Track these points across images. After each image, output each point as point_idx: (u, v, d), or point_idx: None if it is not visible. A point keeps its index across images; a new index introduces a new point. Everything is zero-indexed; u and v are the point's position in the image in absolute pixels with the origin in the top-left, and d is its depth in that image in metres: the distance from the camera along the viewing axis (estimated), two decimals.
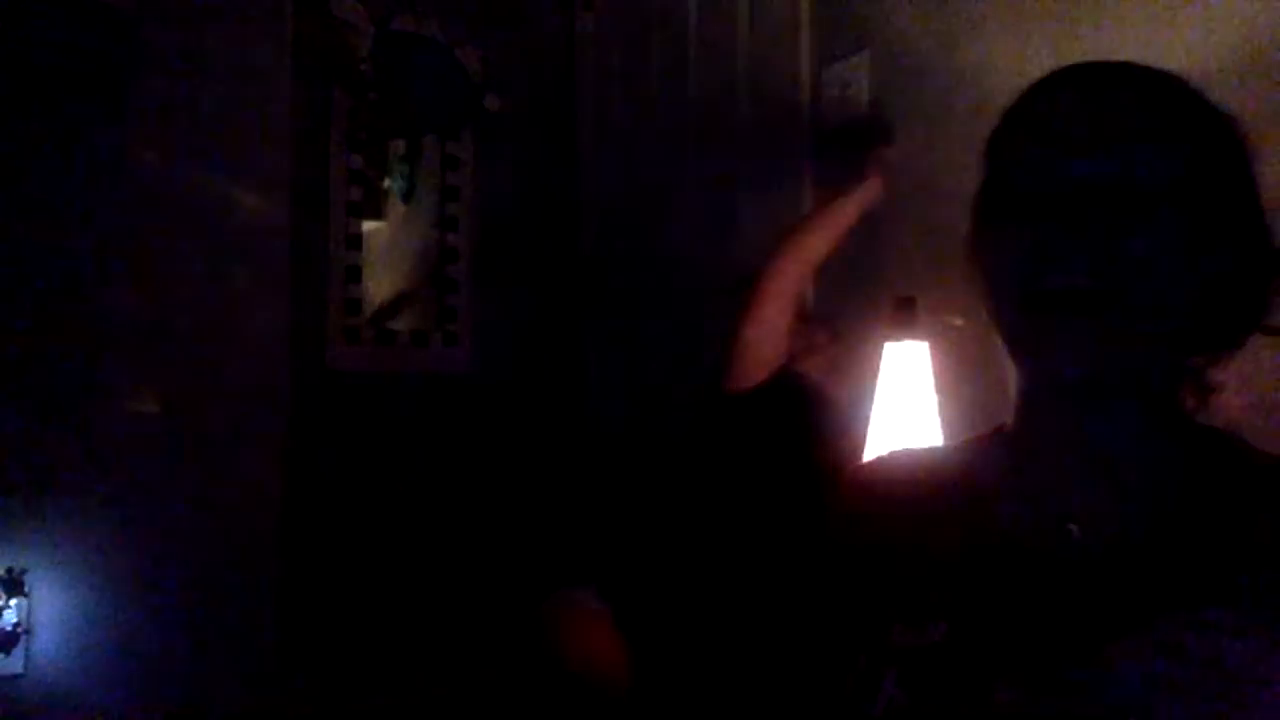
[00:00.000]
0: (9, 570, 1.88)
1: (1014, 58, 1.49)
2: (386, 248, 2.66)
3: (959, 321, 1.48)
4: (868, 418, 1.43)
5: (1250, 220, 0.64)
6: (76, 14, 1.97)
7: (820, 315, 1.84)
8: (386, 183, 2.65)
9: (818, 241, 1.66)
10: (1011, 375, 0.67)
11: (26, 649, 1.90)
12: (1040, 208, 0.60)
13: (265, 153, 2.17)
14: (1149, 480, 0.63)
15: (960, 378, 1.48)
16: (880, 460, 0.81)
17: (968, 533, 0.67)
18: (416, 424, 2.60)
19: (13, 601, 1.88)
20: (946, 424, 1.38)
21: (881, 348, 1.42)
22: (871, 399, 1.42)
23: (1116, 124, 0.60)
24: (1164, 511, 0.61)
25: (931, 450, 0.83)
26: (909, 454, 0.80)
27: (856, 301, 1.77)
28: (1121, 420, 0.63)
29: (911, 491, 0.72)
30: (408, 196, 2.66)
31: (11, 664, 1.88)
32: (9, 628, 1.87)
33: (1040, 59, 1.43)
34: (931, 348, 1.40)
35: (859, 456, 1.41)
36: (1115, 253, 0.58)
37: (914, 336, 1.39)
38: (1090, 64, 0.65)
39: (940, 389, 1.39)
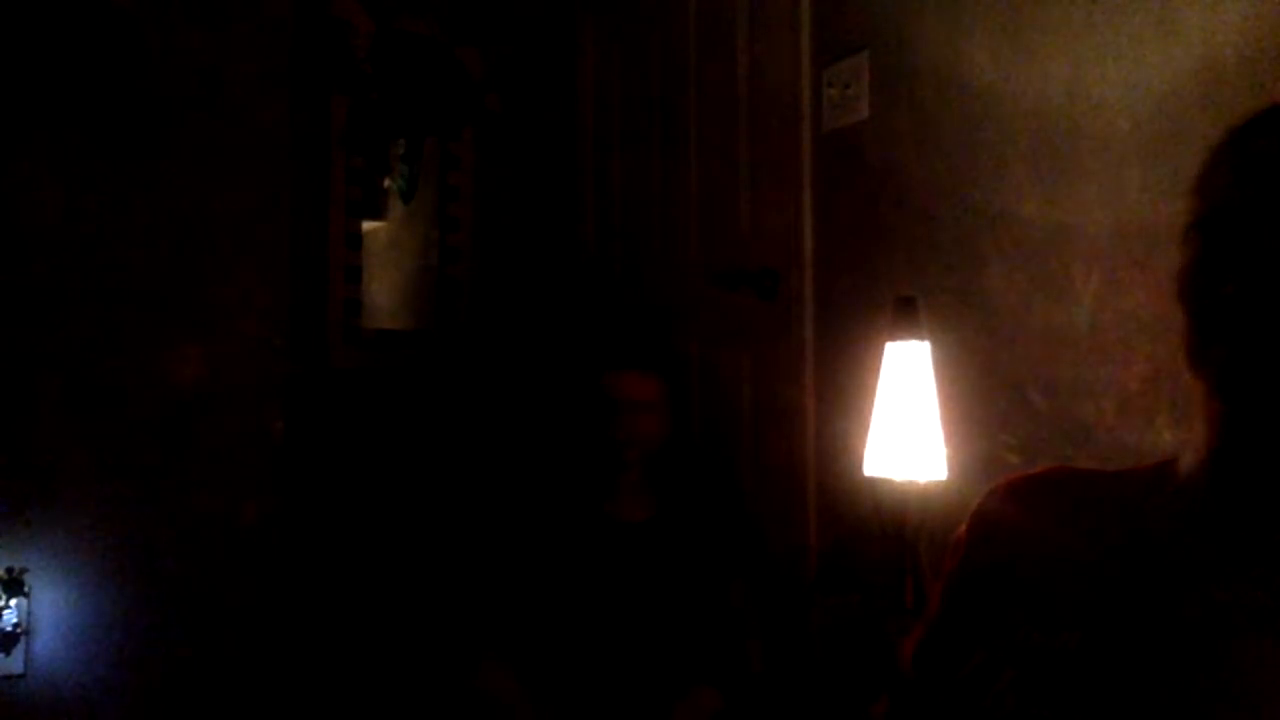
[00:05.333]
0: (9, 570, 1.88)
1: (1014, 58, 1.49)
2: (386, 248, 2.66)
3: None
4: None
5: None
6: (76, 14, 1.97)
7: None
8: (386, 183, 2.65)
9: None
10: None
11: (26, 649, 1.90)
12: None
13: (265, 152, 2.17)
14: None
15: (960, 378, 1.48)
16: (1037, 474, 0.82)
17: (1114, 554, 0.68)
18: (417, 425, 2.59)
19: (13, 601, 1.88)
20: (947, 424, 1.38)
21: (882, 348, 1.42)
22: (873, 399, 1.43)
23: None
24: None
25: (1089, 472, 0.84)
26: (1064, 471, 0.82)
27: (856, 301, 1.77)
28: None
29: (1060, 506, 0.75)
30: (408, 196, 2.66)
31: (11, 664, 1.88)
32: (9, 628, 1.87)
33: (1040, 58, 1.44)
34: (931, 347, 1.40)
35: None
36: None
37: (914, 336, 1.39)
38: None
39: (940, 389, 1.39)
